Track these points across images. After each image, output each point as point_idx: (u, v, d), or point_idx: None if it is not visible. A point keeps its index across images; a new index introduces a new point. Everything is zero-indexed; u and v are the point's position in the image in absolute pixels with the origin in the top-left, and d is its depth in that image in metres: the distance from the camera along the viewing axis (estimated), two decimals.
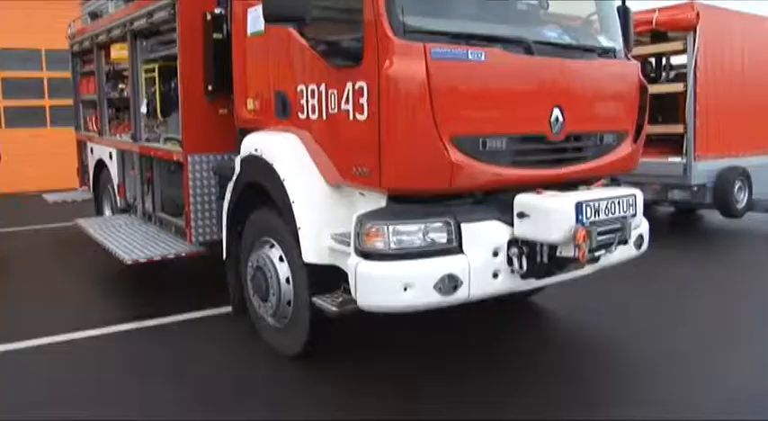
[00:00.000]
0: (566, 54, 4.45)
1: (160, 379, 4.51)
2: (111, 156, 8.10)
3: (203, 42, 5.52)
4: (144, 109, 6.70)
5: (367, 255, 3.81)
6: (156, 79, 6.40)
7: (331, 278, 4.24)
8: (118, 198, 7.95)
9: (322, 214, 4.27)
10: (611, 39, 4.94)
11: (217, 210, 5.67)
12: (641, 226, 4.76)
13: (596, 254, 4.12)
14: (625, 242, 4.27)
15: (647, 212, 4.93)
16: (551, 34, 4.61)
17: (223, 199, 5.23)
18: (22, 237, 9.89)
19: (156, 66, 6.44)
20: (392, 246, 3.77)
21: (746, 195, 9.34)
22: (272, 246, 4.73)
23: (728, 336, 5.28)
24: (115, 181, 7.99)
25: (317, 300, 4.22)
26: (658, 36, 9.40)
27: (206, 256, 6.03)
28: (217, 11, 5.48)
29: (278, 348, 4.83)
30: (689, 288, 6.79)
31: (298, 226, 4.25)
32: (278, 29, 4.41)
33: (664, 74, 10.04)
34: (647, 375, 4.49)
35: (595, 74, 4.67)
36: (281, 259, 4.63)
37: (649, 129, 5.26)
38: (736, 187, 9.11)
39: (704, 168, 8.92)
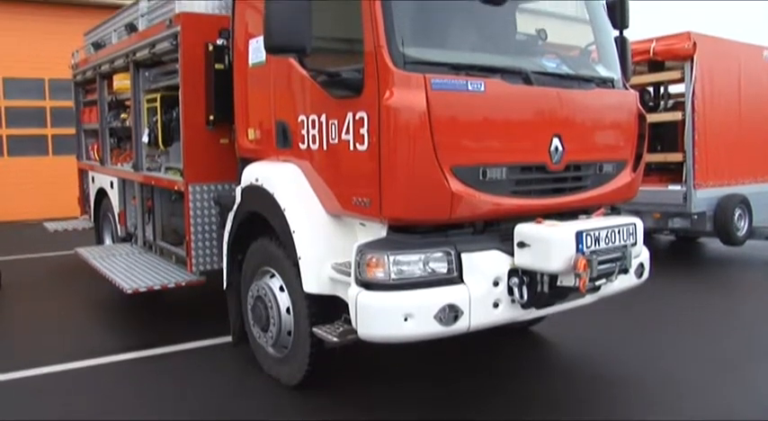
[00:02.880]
0: (564, 84, 4.48)
1: (159, 409, 4.47)
2: (112, 185, 8.12)
3: (205, 73, 5.57)
4: (145, 138, 6.72)
5: (367, 285, 3.81)
6: (158, 109, 6.43)
7: (331, 308, 4.24)
8: (119, 227, 7.96)
9: (323, 244, 4.27)
10: (610, 68, 4.98)
11: (217, 239, 5.68)
12: (642, 254, 4.76)
13: (597, 283, 4.11)
14: (626, 271, 4.27)
15: (648, 241, 4.93)
16: (550, 64, 4.64)
17: (224, 228, 5.24)
18: (22, 266, 9.86)
19: (158, 95, 6.49)
20: (393, 276, 3.77)
21: (747, 223, 9.35)
22: (273, 275, 4.73)
23: (729, 364, 5.25)
24: (116, 210, 8.00)
25: (318, 331, 4.20)
26: (656, 65, 9.49)
27: (206, 286, 6.01)
28: (219, 42, 5.54)
29: (278, 378, 4.79)
30: (690, 316, 6.76)
31: (298, 256, 4.25)
32: (279, 60, 4.45)
33: (662, 102, 10.10)
34: (647, 404, 4.47)
35: (594, 103, 4.70)
36: (281, 289, 4.63)
37: (649, 157, 5.29)
38: (737, 215, 9.12)
39: (704, 196, 8.93)
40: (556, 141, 4.30)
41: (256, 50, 4.81)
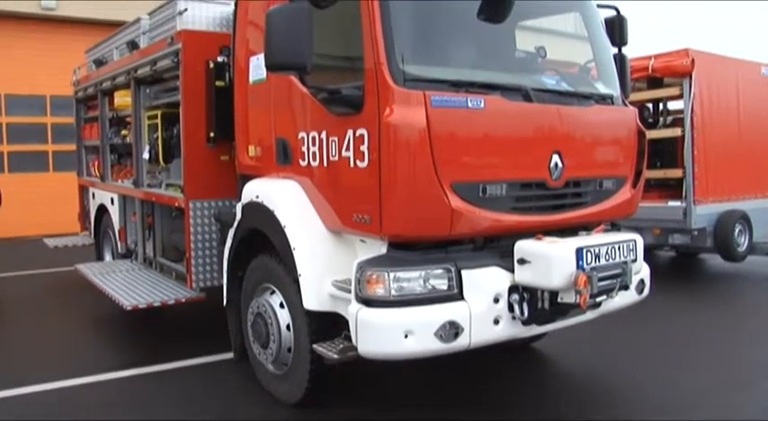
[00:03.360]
0: (564, 101, 4.50)
1: None
2: (112, 202, 8.13)
3: (206, 90, 5.60)
4: (146, 155, 6.75)
5: (368, 301, 3.80)
6: (159, 126, 6.47)
7: (332, 325, 4.23)
8: (119, 243, 7.95)
9: (323, 261, 4.27)
10: (609, 85, 5.01)
11: (218, 255, 5.68)
12: (642, 271, 4.76)
13: (598, 299, 4.10)
14: (626, 287, 4.26)
15: (648, 257, 4.93)
16: (550, 81, 4.67)
17: (224, 245, 5.24)
18: (22, 282, 9.85)
19: (159, 112, 6.52)
20: (393, 292, 3.76)
21: (747, 239, 9.33)
22: (273, 292, 4.72)
23: (730, 383, 5.23)
24: (116, 226, 8.00)
25: (318, 347, 4.19)
26: (655, 82, 9.53)
27: (206, 302, 6.00)
28: (219, 59, 5.58)
29: (278, 395, 4.77)
30: (691, 334, 6.73)
31: (299, 272, 4.24)
32: (279, 77, 4.47)
33: (661, 119, 10.13)
34: None
35: (594, 120, 4.72)
36: (281, 306, 4.62)
37: (648, 173, 5.30)
38: (737, 231, 9.11)
39: (704, 212, 8.92)
40: (556, 158, 4.31)
41: (257, 68, 4.84)
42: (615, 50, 5.24)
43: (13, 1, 14.39)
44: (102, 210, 8.69)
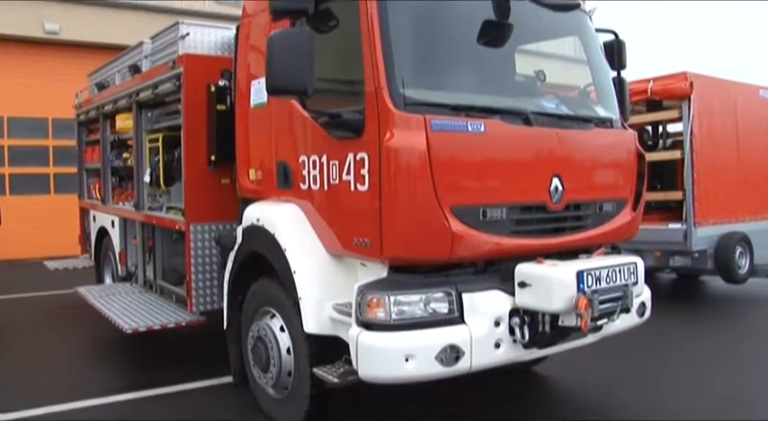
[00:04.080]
0: (564, 124, 4.52)
1: None
2: (113, 224, 8.14)
3: (207, 113, 5.63)
4: (147, 178, 6.76)
5: (368, 325, 3.80)
6: (160, 149, 6.48)
7: (332, 348, 4.22)
8: (119, 266, 7.95)
9: (323, 284, 4.27)
10: (608, 109, 5.03)
11: (218, 279, 5.67)
12: (643, 293, 4.75)
13: (599, 322, 4.09)
14: (627, 310, 4.25)
15: (649, 279, 4.92)
16: (549, 105, 4.70)
17: (224, 268, 5.24)
18: (22, 304, 9.82)
19: (160, 136, 6.54)
20: (393, 316, 3.76)
21: (748, 261, 9.32)
22: (273, 316, 4.71)
23: (733, 404, 5.20)
24: (117, 249, 8.00)
25: (318, 371, 4.17)
26: (654, 105, 9.56)
27: (207, 326, 5.98)
28: (221, 83, 5.61)
29: (278, 419, 4.74)
30: (692, 357, 6.70)
31: (299, 296, 4.24)
32: (280, 101, 4.50)
33: (661, 141, 10.17)
34: None
35: (593, 143, 4.74)
36: (281, 329, 4.61)
37: (648, 195, 5.31)
38: (737, 253, 9.09)
39: (704, 234, 8.92)
40: (556, 181, 4.32)
41: (258, 91, 4.87)
42: (614, 74, 5.28)
43: (17, 24, 14.53)
44: (102, 232, 8.69)
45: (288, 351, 4.55)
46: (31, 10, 14.65)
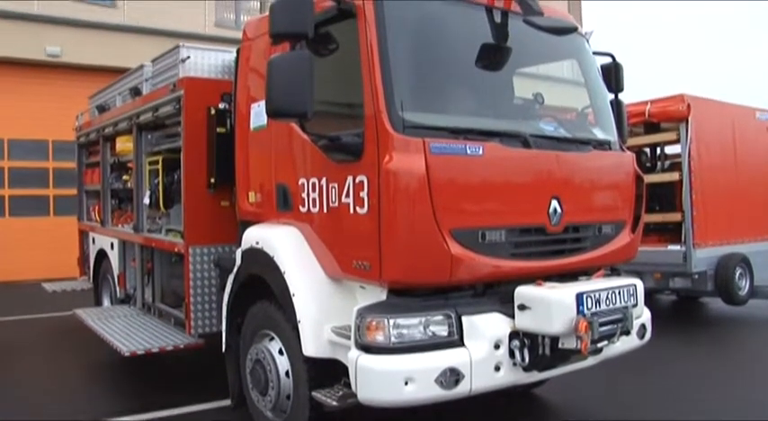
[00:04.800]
0: (562, 147, 4.54)
1: None
2: (112, 247, 8.13)
3: (207, 136, 5.65)
4: (147, 200, 6.77)
5: (367, 348, 3.78)
6: (160, 171, 6.50)
7: (331, 372, 4.19)
8: (118, 288, 7.93)
9: (322, 307, 4.26)
10: (606, 131, 5.06)
11: (217, 301, 5.66)
12: (643, 315, 4.75)
13: (599, 345, 4.08)
14: (627, 332, 4.24)
15: (649, 301, 4.91)
16: (547, 128, 4.72)
17: (223, 291, 5.23)
18: (20, 326, 9.79)
19: (160, 158, 6.56)
20: (393, 339, 3.75)
21: (748, 282, 9.30)
22: (272, 338, 4.69)
23: None
24: (115, 271, 7.99)
25: (317, 395, 4.15)
26: (652, 127, 9.61)
27: (205, 348, 5.95)
28: (221, 106, 5.64)
29: None
30: (693, 379, 6.66)
31: (298, 319, 4.23)
32: (280, 124, 4.52)
33: (659, 163, 10.20)
34: None
35: (591, 165, 4.76)
36: (280, 352, 4.59)
37: (647, 217, 5.31)
38: (737, 274, 9.08)
39: (704, 256, 8.91)
40: (554, 203, 4.33)
41: (258, 114, 4.89)
42: (612, 96, 5.31)
43: (19, 47, 14.63)
44: (101, 254, 8.67)
45: (286, 374, 4.53)
46: (32, 32, 14.78)
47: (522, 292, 4.00)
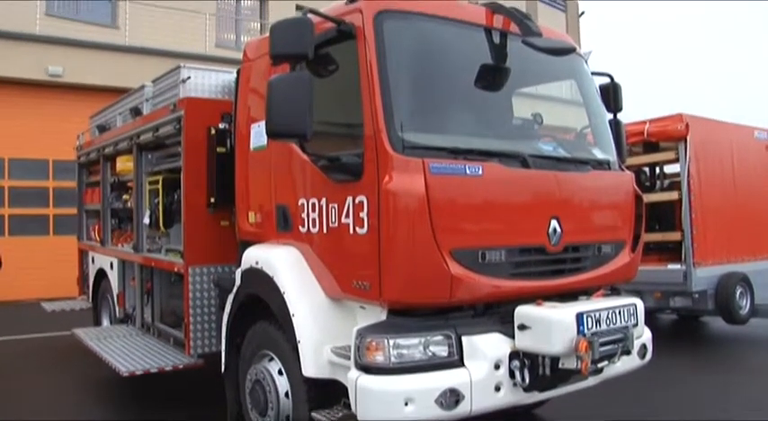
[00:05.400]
0: (561, 167, 4.55)
1: None
2: (111, 266, 8.12)
3: (207, 156, 5.66)
4: (147, 220, 6.77)
5: (367, 368, 3.77)
6: (160, 191, 6.50)
7: (331, 392, 4.17)
8: (117, 308, 7.91)
9: (322, 327, 4.25)
10: (605, 151, 5.07)
11: (216, 321, 5.64)
12: (644, 335, 4.73)
13: (599, 365, 4.07)
14: (628, 352, 4.23)
15: (650, 321, 4.89)
16: (547, 148, 4.73)
17: (223, 311, 5.21)
18: (18, 346, 9.75)
19: (160, 178, 6.57)
20: (393, 359, 3.73)
21: (749, 301, 9.28)
22: (272, 359, 4.67)
23: None
24: (115, 291, 7.97)
25: (317, 415, 4.13)
26: (650, 146, 9.64)
27: (204, 368, 5.92)
28: (221, 126, 5.66)
29: None
30: (695, 399, 6.63)
31: (297, 339, 4.21)
32: (280, 144, 4.53)
33: (658, 182, 10.23)
34: None
35: (591, 185, 4.76)
36: (280, 373, 4.56)
37: (647, 236, 5.31)
38: (738, 293, 9.06)
39: (704, 275, 8.90)
40: (554, 223, 4.33)
41: (258, 134, 4.91)
42: (611, 116, 5.33)
43: (21, 67, 14.72)
44: (101, 274, 8.66)
45: (286, 394, 4.51)
46: (35, 53, 14.89)
47: (522, 312, 3.99)
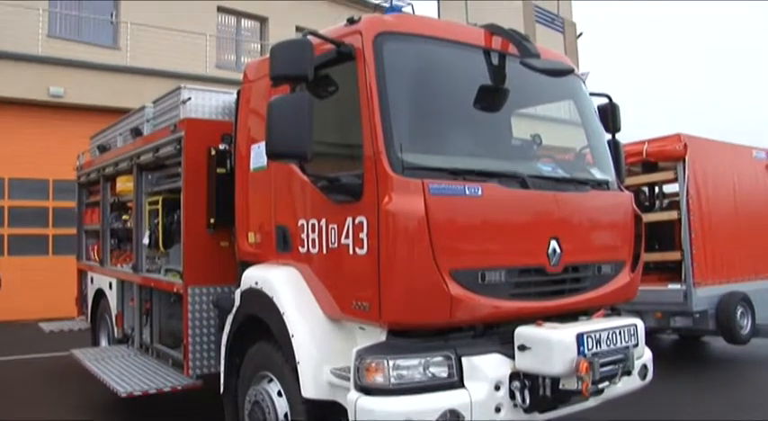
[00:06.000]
0: (560, 187, 4.56)
1: None
2: (110, 286, 8.10)
3: (207, 176, 5.68)
4: (146, 240, 6.77)
5: (367, 390, 3.75)
6: (160, 211, 6.52)
7: (330, 413, 4.15)
8: (115, 328, 7.88)
9: (321, 348, 4.23)
10: (604, 171, 5.08)
11: (215, 342, 5.62)
12: (645, 355, 4.71)
13: (600, 386, 4.05)
14: (629, 373, 4.23)
15: (651, 341, 4.87)
16: (546, 168, 4.75)
17: (222, 331, 5.20)
18: (16, 367, 9.70)
19: (160, 198, 6.58)
20: (392, 380, 3.72)
21: (750, 321, 9.24)
22: (271, 380, 4.65)
23: None
24: (113, 311, 7.95)
25: None
26: (649, 166, 9.66)
27: (203, 389, 5.89)
28: (221, 146, 5.67)
29: None
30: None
31: (297, 360, 4.20)
32: (280, 165, 4.55)
33: (657, 202, 10.24)
34: None
35: (590, 205, 4.77)
36: (279, 394, 4.54)
37: (647, 256, 5.31)
38: (738, 313, 9.03)
39: (704, 294, 8.87)
40: (554, 243, 4.34)
41: (258, 155, 4.92)
42: (609, 136, 5.35)
43: (23, 88, 14.79)
44: (99, 294, 8.64)
45: (285, 416, 4.47)
46: (36, 74, 14.98)
47: (522, 333, 3.98)
